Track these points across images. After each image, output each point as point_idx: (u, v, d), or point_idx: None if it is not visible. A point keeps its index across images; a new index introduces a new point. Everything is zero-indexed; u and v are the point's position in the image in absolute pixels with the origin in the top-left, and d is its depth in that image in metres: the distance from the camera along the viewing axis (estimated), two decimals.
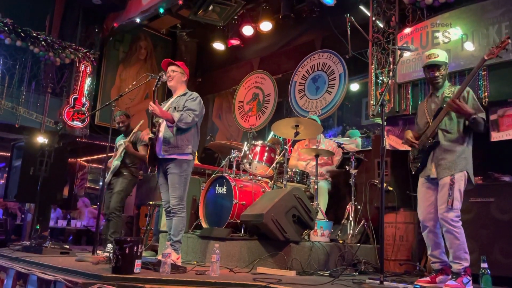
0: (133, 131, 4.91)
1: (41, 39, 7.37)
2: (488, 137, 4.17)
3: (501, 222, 3.58)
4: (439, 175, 3.23)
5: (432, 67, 3.39)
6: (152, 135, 3.72)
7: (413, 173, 3.47)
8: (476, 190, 3.73)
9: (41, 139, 6.95)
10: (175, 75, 3.85)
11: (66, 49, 7.69)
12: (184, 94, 3.85)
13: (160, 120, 3.76)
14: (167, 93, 8.86)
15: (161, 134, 3.72)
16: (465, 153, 3.23)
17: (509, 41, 3.06)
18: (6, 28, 6.98)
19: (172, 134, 3.66)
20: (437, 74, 3.38)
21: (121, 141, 5.07)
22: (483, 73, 4.20)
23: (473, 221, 3.68)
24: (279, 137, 5.64)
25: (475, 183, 3.76)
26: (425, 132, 3.37)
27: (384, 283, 2.70)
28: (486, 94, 4.17)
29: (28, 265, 3.46)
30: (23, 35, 7.17)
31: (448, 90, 3.38)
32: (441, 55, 3.40)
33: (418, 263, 4.19)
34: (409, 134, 3.48)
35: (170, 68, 3.88)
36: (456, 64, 4.40)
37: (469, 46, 4.37)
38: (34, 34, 7.31)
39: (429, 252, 3.37)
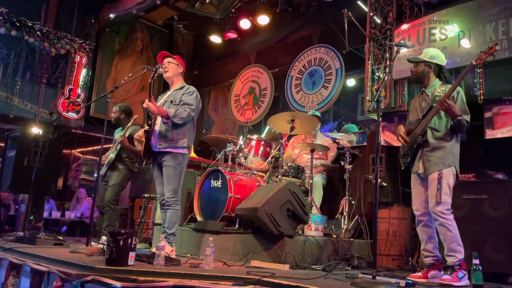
0: (127, 126, 4.88)
1: (36, 29, 7.31)
2: (482, 135, 4.20)
3: (493, 219, 3.60)
4: (427, 171, 3.29)
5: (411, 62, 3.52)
6: (147, 127, 3.71)
7: (402, 168, 3.54)
8: (469, 186, 3.76)
9: (35, 130, 6.91)
10: (171, 66, 3.84)
11: (61, 40, 7.64)
12: (181, 88, 3.83)
13: (154, 116, 3.74)
14: (163, 87, 8.84)
15: (156, 127, 3.71)
16: (453, 150, 3.29)
17: (497, 47, 3.11)
18: (1, 17, 6.92)
19: (167, 127, 3.66)
20: (412, 69, 3.51)
21: (119, 134, 5.04)
22: (478, 70, 4.21)
23: (465, 217, 3.70)
24: (276, 131, 5.64)
25: (469, 179, 3.81)
26: (415, 129, 3.42)
27: (377, 278, 2.72)
28: (481, 91, 4.19)
29: (22, 256, 3.46)
30: (18, 24, 7.11)
31: (439, 89, 3.40)
32: (424, 53, 3.48)
33: (410, 258, 4.21)
34: (402, 130, 3.52)
35: (166, 60, 3.87)
36: (452, 61, 4.41)
37: (465, 43, 4.38)
38: (30, 24, 7.25)
39: (422, 247, 3.40)
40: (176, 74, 3.88)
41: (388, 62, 4.89)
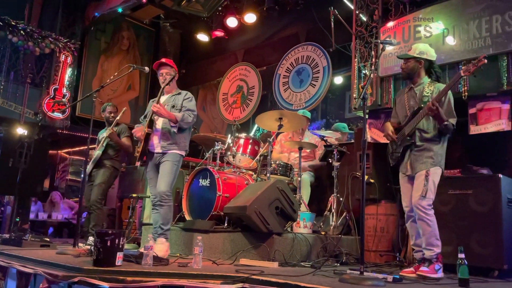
0: (116, 118, 4.89)
1: (20, 28, 7.19)
2: (467, 130, 4.26)
3: (479, 214, 3.66)
4: (414, 170, 3.34)
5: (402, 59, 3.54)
6: (149, 129, 3.74)
7: (391, 165, 3.57)
8: (454, 182, 3.82)
9: (20, 131, 6.81)
10: (170, 77, 3.91)
11: (46, 39, 7.52)
12: (179, 93, 3.95)
13: (155, 117, 3.79)
14: (151, 86, 8.80)
15: (158, 129, 3.78)
16: (440, 151, 3.34)
17: (485, 60, 3.10)
18: None
19: (171, 131, 3.76)
20: (402, 66, 3.55)
21: (103, 134, 5.02)
22: (463, 68, 4.26)
23: (451, 212, 3.76)
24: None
25: (454, 175, 3.89)
26: (403, 128, 3.44)
27: (364, 273, 2.74)
28: (465, 88, 4.25)
29: (8, 258, 3.41)
30: (1, 23, 6.98)
31: (427, 88, 3.40)
32: (413, 49, 3.50)
33: (398, 254, 4.26)
34: (390, 129, 3.54)
35: (164, 70, 3.93)
36: (437, 59, 4.45)
37: (450, 41, 4.43)
38: (13, 23, 7.13)
39: (412, 242, 3.45)
40: (173, 82, 3.98)
41: (374, 60, 4.92)
